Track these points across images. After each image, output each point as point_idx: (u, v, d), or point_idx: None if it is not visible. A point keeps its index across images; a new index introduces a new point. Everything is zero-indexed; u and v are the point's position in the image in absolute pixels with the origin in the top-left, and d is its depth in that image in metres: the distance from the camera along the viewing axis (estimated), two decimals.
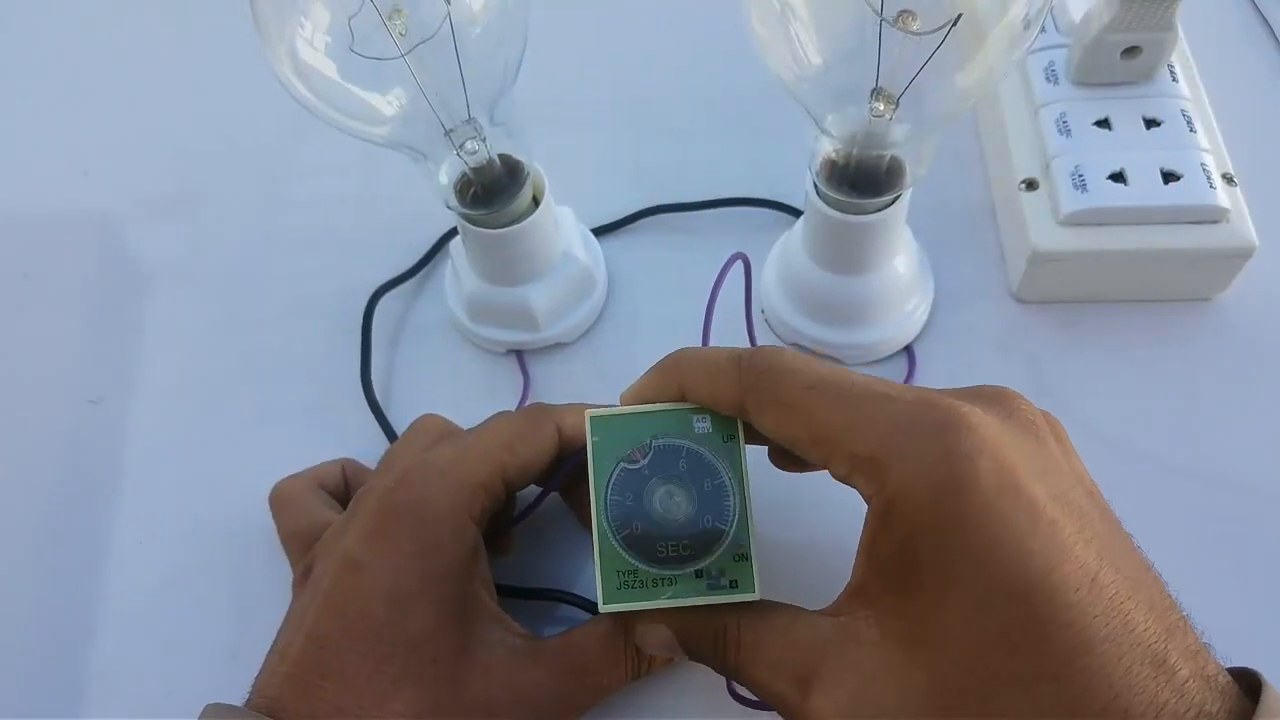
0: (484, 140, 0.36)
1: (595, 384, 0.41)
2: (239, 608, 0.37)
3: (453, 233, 0.45)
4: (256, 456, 0.38)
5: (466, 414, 0.35)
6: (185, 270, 0.47)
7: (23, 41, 0.58)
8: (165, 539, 0.39)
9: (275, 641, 0.29)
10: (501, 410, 0.36)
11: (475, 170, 0.37)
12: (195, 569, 0.38)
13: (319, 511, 0.34)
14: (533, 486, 0.34)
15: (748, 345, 0.37)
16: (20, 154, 0.53)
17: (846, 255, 0.38)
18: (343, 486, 0.37)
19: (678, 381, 0.29)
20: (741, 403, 0.27)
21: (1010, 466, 0.22)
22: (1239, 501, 0.32)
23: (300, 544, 0.32)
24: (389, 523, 0.29)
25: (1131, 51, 0.41)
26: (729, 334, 0.37)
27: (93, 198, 0.50)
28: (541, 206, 0.38)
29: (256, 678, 0.28)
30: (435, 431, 0.35)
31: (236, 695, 0.28)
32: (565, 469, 0.34)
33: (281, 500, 0.35)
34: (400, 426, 0.41)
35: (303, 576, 0.31)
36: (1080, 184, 0.40)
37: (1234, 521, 0.36)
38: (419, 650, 0.27)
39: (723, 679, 0.33)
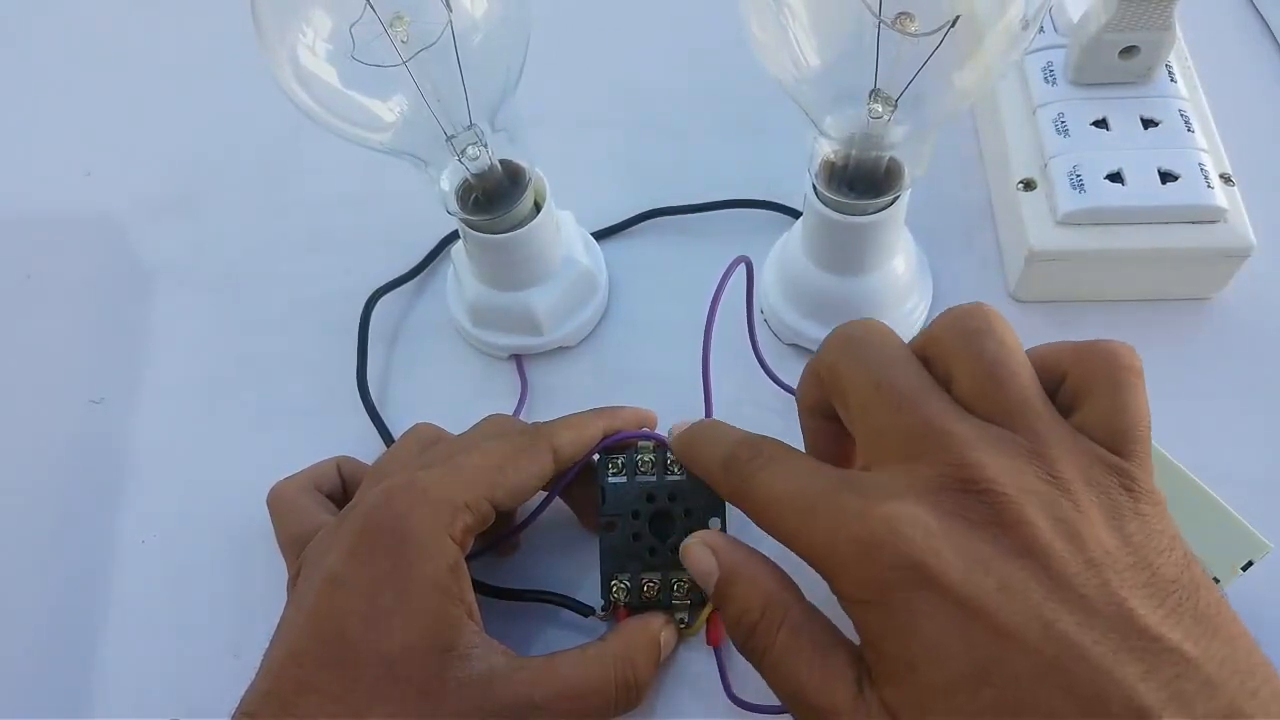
0: (485, 146, 0.36)
1: (597, 388, 0.41)
2: (240, 607, 0.38)
3: (454, 236, 0.45)
4: (258, 457, 0.39)
5: (464, 418, 0.36)
6: (187, 271, 0.47)
7: (26, 43, 0.58)
8: (167, 538, 0.40)
9: (266, 652, 0.30)
10: (497, 413, 0.36)
11: (477, 176, 0.37)
12: (197, 568, 0.39)
13: (315, 514, 0.34)
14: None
15: (752, 348, 0.38)
16: (23, 155, 0.53)
17: (845, 256, 0.38)
18: (339, 487, 0.37)
19: (691, 460, 0.32)
20: (730, 501, 0.29)
21: (930, 577, 0.22)
22: (1238, 500, 0.33)
23: (297, 548, 0.33)
24: (370, 541, 0.29)
25: (1129, 51, 0.41)
26: (730, 335, 0.37)
27: (95, 199, 0.51)
28: (543, 211, 0.38)
29: (244, 692, 0.29)
30: (427, 440, 0.35)
31: (237, 694, 0.28)
32: (569, 475, 0.34)
33: (278, 504, 0.35)
34: (398, 428, 0.41)
35: (294, 581, 0.32)
36: (1078, 184, 0.40)
37: None
38: (393, 668, 0.28)
39: (719, 684, 0.34)
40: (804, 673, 0.25)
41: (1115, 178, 0.40)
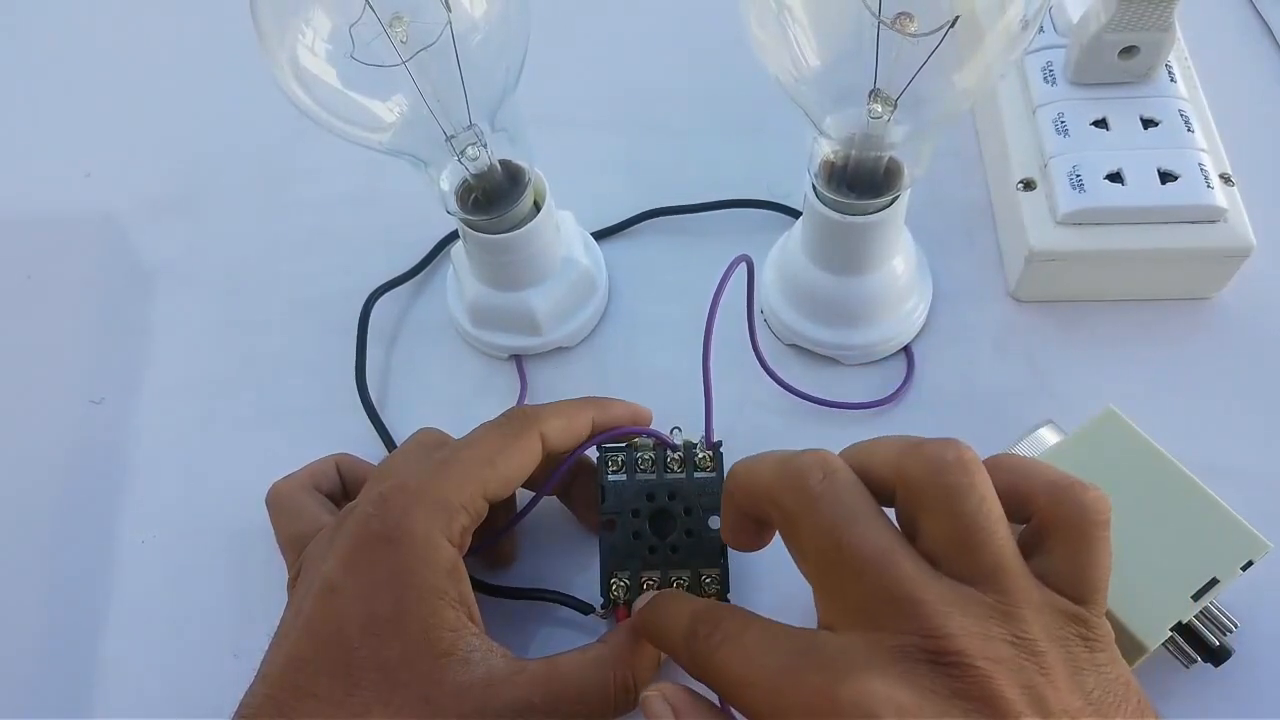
0: (485, 146, 0.36)
1: (597, 389, 0.41)
2: (240, 607, 0.38)
3: (453, 235, 0.45)
4: (258, 456, 0.39)
5: (464, 418, 0.35)
6: (187, 271, 0.47)
7: (26, 43, 0.58)
8: (167, 538, 0.40)
9: (264, 657, 0.30)
10: (488, 420, 0.36)
11: (476, 176, 0.37)
12: (197, 568, 0.39)
13: (314, 514, 0.34)
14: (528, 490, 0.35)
15: (750, 347, 0.38)
16: (23, 155, 0.53)
17: (845, 256, 0.38)
18: (338, 485, 0.37)
19: (651, 634, 0.30)
20: (696, 678, 0.27)
21: None
22: (1238, 499, 0.33)
23: (297, 548, 0.33)
24: (365, 548, 0.30)
25: (1129, 51, 0.41)
26: (731, 335, 0.37)
27: (95, 199, 0.51)
28: (543, 211, 0.38)
29: (243, 697, 0.29)
30: (430, 446, 0.35)
31: (237, 694, 0.29)
32: (559, 473, 0.34)
33: (277, 503, 0.35)
34: (398, 428, 0.41)
35: (294, 581, 0.32)
36: (1078, 184, 0.40)
37: None
38: (392, 674, 0.28)
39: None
40: None
41: (1115, 178, 0.40)
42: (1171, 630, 0.30)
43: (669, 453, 0.35)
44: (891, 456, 0.26)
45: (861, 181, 0.36)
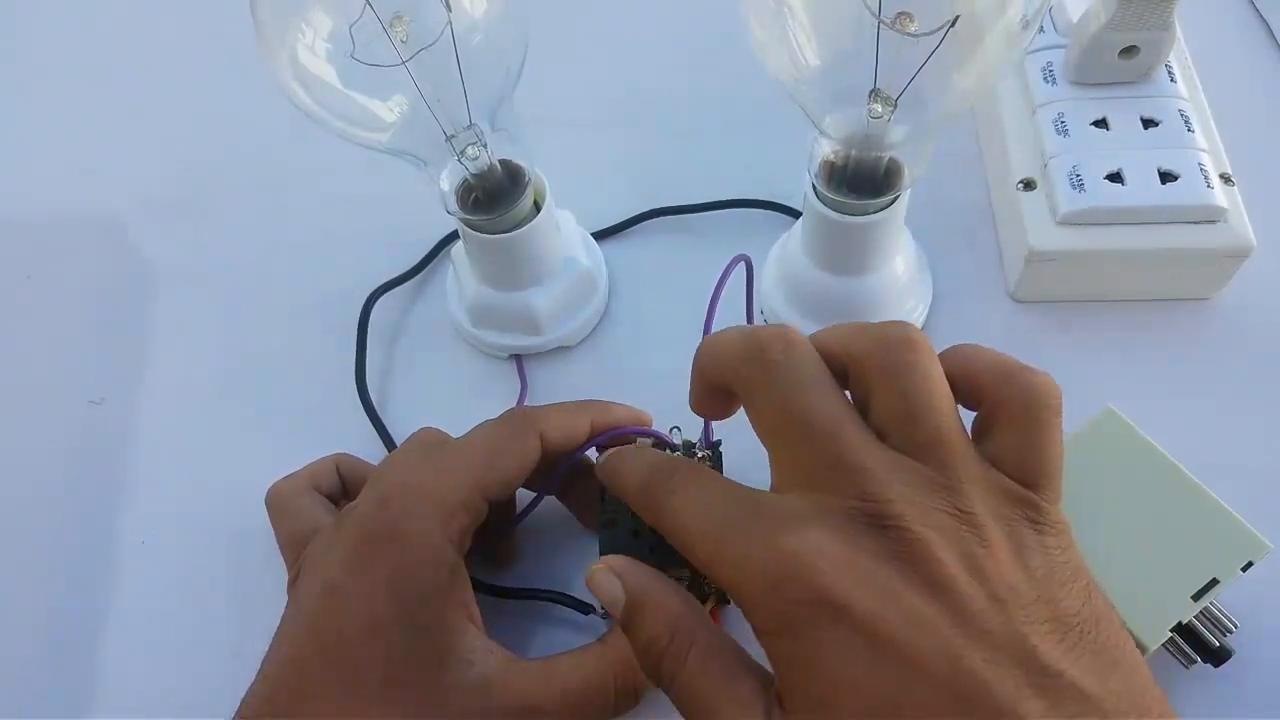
0: (485, 146, 0.36)
1: (597, 388, 0.41)
2: (240, 607, 0.38)
3: (453, 235, 0.45)
4: (259, 457, 0.38)
5: (464, 418, 0.36)
6: (188, 271, 0.48)
7: (26, 43, 0.58)
8: (167, 539, 0.40)
9: (265, 657, 0.30)
10: (488, 419, 0.36)
11: (476, 176, 0.37)
12: (197, 568, 0.39)
13: (314, 514, 0.34)
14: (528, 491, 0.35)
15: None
16: (23, 155, 0.53)
17: (845, 256, 0.38)
18: (338, 485, 0.37)
19: (612, 484, 0.31)
20: (650, 524, 0.28)
21: (838, 609, 0.22)
22: (1238, 499, 0.33)
23: (297, 548, 0.33)
24: (366, 548, 0.30)
25: (1129, 51, 0.41)
26: None
27: (95, 199, 0.51)
28: (543, 211, 0.38)
29: (243, 697, 0.29)
30: (430, 445, 0.35)
31: (237, 694, 0.29)
32: (559, 473, 0.34)
33: (277, 504, 0.35)
34: (398, 428, 0.41)
35: (294, 581, 0.32)
36: (1078, 184, 0.40)
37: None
38: (392, 674, 0.28)
39: None
40: (712, 698, 0.25)
41: (1115, 178, 0.40)
42: (1171, 630, 0.30)
43: (668, 452, 0.35)
44: (845, 336, 0.26)
45: (861, 181, 0.36)
